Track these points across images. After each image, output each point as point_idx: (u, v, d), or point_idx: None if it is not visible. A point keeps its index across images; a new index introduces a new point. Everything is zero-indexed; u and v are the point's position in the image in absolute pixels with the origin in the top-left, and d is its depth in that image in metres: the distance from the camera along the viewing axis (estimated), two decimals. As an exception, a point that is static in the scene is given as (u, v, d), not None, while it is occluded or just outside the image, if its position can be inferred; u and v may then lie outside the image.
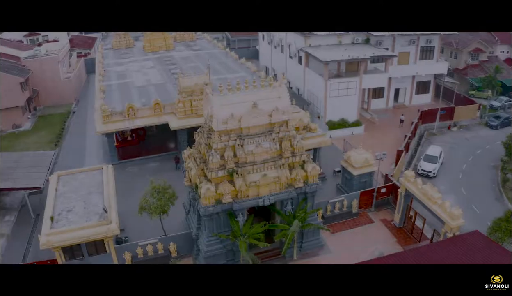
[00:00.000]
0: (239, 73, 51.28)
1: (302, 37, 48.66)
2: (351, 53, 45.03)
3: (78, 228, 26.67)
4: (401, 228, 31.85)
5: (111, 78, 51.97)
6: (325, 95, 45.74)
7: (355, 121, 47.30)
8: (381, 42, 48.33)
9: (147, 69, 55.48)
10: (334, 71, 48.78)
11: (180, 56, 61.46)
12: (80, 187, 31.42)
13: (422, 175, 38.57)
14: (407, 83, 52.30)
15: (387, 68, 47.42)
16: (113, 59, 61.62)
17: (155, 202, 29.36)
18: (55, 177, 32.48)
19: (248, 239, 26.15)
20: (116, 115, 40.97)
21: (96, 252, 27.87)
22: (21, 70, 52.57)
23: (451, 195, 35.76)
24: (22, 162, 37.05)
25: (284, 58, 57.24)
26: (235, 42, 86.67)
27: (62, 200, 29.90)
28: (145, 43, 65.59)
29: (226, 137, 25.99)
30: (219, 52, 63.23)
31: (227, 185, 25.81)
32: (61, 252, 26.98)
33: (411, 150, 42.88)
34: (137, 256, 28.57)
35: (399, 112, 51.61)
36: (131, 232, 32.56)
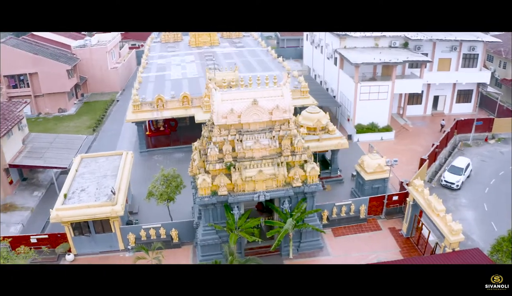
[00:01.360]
0: (273, 72, 51.55)
1: (337, 39, 48.06)
2: (386, 56, 43.86)
3: (85, 206, 28.52)
4: (408, 238, 30.79)
5: (151, 70, 54.31)
6: (355, 98, 44.92)
7: (386, 126, 46.00)
8: (420, 47, 46.58)
9: (187, 63, 57.31)
10: (370, 74, 47.76)
11: (221, 52, 62.80)
12: (98, 169, 33.41)
13: (445, 186, 36.91)
14: (447, 91, 49.94)
15: (422, 74, 45.58)
16: (158, 52, 64.24)
17: (162, 189, 30.64)
18: (78, 159, 34.78)
19: (240, 232, 26.60)
20: (146, 106, 42.87)
21: (103, 230, 29.65)
22: (69, 58, 56.40)
23: (471, 210, 34.03)
24: (56, 143, 39.89)
25: (322, 59, 56.79)
26: (284, 41, 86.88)
27: (79, 180, 32.02)
28: (191, 38, 67.64)
29: (225, 132, 26.58)
30: (260, 50, 63.85)
31: (224, 178, 26.39)
32: (70, 227, 29.01)
33: (440, 160, 41.07)
34: (140, 238, 29.95)
35: (437, 120, 49.47)
36: (144, 216, 34.18)
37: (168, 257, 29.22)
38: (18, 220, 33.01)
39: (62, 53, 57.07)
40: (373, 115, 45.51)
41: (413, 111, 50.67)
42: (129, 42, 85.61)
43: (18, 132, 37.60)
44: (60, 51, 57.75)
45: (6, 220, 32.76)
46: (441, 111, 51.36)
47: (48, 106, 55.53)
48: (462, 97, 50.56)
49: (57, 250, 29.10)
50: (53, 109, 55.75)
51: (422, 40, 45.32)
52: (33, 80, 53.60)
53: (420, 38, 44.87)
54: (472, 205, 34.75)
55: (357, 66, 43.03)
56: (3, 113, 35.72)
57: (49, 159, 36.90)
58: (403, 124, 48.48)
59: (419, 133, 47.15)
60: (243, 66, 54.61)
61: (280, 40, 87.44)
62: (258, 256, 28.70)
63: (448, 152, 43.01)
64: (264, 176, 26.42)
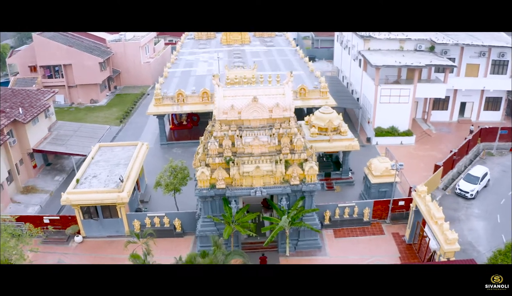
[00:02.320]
0: (297, 71, 51.73)
1: (362, 40, 47.58)
2: (408, 59, 43.03)
3: (93, 191, 30.04)
4: (410, 245, 30.26)
5: (178, 66, 55.82)
6: (375, 101, 44.35)
7: (406, 131, 45.11)
8: (446, 51, 45.28)
9: (214, 60, 58.38)
10: (394, 77, 46.98)
11: (250, 51, 63.50)
12: (113, 158, 34.96)
13: (459, 195, 35.86)
14: (475, 98, 48.22)
15: (446, 79, 44.25)
16: (190, 48, 65.80)
17: (169, 179, 31.75)
18: (96, 147, 36.52)
19: (235, 226, 27.17)
20: (167, 100, 44.25)
21: (110, 215, 31.10)
22: (102, 52, 58.92)
23: (482, 220, 32.93)
24: (80, 131, 42.01)
25: (349, 60, 56.31)
26: (318, 41, 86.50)
27: (93, 167, 33.66)
28: (222, 36, 68.80)
29: (226, 127, 27.26)
30: (289, 50, 64.01)
31: (222, 172, 27.06)
32: (80, 211, 30.63)
33: (459, 167, 39.88)
34: (145, 225, 31.12)
35: (463, 127, 47.92)
36: (154, 205, 35.48)
37: (170, 245, 30.31)
38: (37, 201, 35.12)
39: (96, 46, 59.73)
40: (394, 118, 44.74)
41: (439, 117, 49.30)
42: (167, 38, 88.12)
43: (44, 120, 39.86)
44: (95, 44, 60.46)
45: (26, 201, 34.95)
46: (468, 118, 49.65)
47: (80, 96, 58.30)
48: (490, 105, 48.67)
49: (67, 232, 30.85)
50: (85, 100, 58.46)
51: (448, 44, 44.03)
52: (67, 71, 56.48)
53: (446, 42, 43.64)
54: (485, 215, 33.60)
55: (378, 68, 42.46)
56: (30, 101, 38.02)
57: (71, 146, 38.93)
58: (425, 130, 47.32)
59: (442, 139, 45.88)
60: (268, 64, 55.11)
61: (315, 41, 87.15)
62: (254, 251, 29.32)
63: (469, 160, 41.63)
64: (261, 172, 26.85)
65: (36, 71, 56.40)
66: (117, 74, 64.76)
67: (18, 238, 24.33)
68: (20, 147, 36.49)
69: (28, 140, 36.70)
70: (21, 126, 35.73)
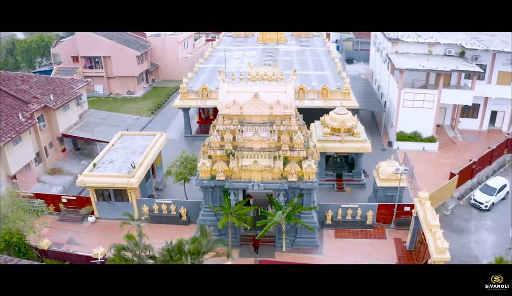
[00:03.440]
0: (324, 72, 51.86)
1: (390, 43, 46.94)
2: (433, 64, 42.04)
3: (106, 175, 32.06)
4: (410, 252, 29.90)
5: (210, 62, 57.42)
6: (398, 104, 43.70)
7: (430, 137, 44.09)
8: (477, 58, 43.72)
9: (246, 57, 59.48)
10: (421, 82, 45.95)
11: (284, 50, 64.02)
12: (131, 146, 36.94)
13: (474, 206, 34.80)
14: (507, 107, 46.13)
15: (473, 86, 42.71)
16: (226, 45, 67.30)
17: (179, 169, 33.23)
18: (118, 135, 38.68)
19: (231, 217, 28.11)
20: (192, 94, 45.90)
21: (122, 199, 32.98)
22: (140, 45, 61.67)
23: (493, 233, 31.84)
24: (108, 120, 44.52)
25: (380, 63, 55.59)
26: (358, 43, 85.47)
27: (111, 153, 35.77)
28: (259, 34, 69.78)
29: (228, 121, 28.25)
30: (322, 51, 63.87)
31: (222, 164, 28.09)
32: (94, 193, 32.76)
33: (480, 178, 38.57)
34: (153, 211, 32.77)
35: (493, 137, 46.03)
36: (168, 193, 37.17)
37: (174, 232, 31.64)
38: (61, 182, 37.79)
39: (135, 40, 62.63)
40: (417, 124, 43.84)
41: (468, 125, 47.67)
42: (209, 35, 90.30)
43: (76, 107, 42.65)
44: (134, 38, 63.38)
45: (51, 181, 37.70)
46: (499, 128, 47.64)
47: (118, 87, 61.43)
48: (525, 115, 46.48)
49: (82, 212, 33.08)
50: (122, 91, 61.54)
51: (478, 50, 42.52)
52: (107, 63, 59.71)
53: (476, 48, 42.18)
54: (497, 228, 32.41)
55: (401, 71, 41.83)
56: (63, 89, 40.87)
57: (97, 133, 41.44)
58: (451, 137, 45.96)
59: (467, 148, 44.37)
60: (297, 64, 55.49)
61: (355, 42, 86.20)
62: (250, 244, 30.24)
63: (492, 171, 40.06)
64: (259, 167, 27.60)
65: (78, 61, 60.09)
66: (155, 68, 67.48)
67: (29, 212, 26.61)
68: (50, 131, 39.38)
69: (58, 125, 39.50)
70: (51, 112, 38.55)
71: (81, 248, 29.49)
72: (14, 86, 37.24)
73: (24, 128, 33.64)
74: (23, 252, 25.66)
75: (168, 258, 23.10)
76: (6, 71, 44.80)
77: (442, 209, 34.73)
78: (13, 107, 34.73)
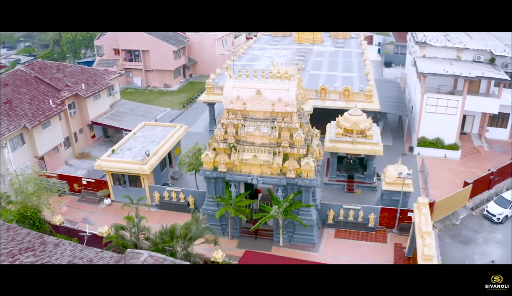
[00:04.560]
0: (351, 73, 51.77)
1: (418, 47, 46.18)
2: (458, 69, 41.01)
3: (121, 161, 34.22)
4: (408, 258, 29.71)
5: (242, 59, 58.80)
6: (420, 109, 42.99)
7: (452, 144, 43.02)
8: (507, 65, 42.09)
9: (279, 57, 60.30)
10: (448, 88, 44.89)
11: (317, 50, 64.23)
12: (151, 136, 38.99)
13: (486, 217, 33.85)
14: (540, 117, 44.19)
15: (500, 94, 41.15)
16: (262, 44, 68.44)
17: (191, 160, 34.85)
18: (141, 125, 40.91)
19: (230, 208, 29.28)
20: (217, 90, 47.46)
21: (135, 185, 35.04)
22: (178, 41, 64.10)
23: (501, 248, 30.84)
24: (137, 110, 47.04)
25: (410, 66, 54.58)
26: (399, 47, 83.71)
27: (131, 141, 38.00)
28: (296, 34, 70.35)
29: (232, 116, 29.41)
30: (356, 53, 63.48)
31: (224, 156, 29.31)
32: (110, 177, 35.05)
33: (498, 189, 37.35)
34: (164, 198, 34.60)
35: (522, 148, 44.25)
36: (183, 182, 38.90)
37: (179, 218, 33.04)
38: (86, 166, 40.57)
39: (173, 35, 65.19)
40: (440, 130, 42.91)
41: (496, 134, 45.95)
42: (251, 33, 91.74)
43: (107, 97, 45.45)
44: (173, 33, 65.91)
45: (77, 165, 40.57)
46: (530, 139, 45.61)
47: (156, 80, 64.29)
48: (557, 127, 44.19)
49: (99, 194, 35.49)
50: (159, 84, 64.34)
51: (507, 57, 40.99)
52: (145, 56, 62.68)
53: (505, 55, 40.70)
54: (506, 243, 31.34)
55: (424, 75, 41.16)
56: (95, 79, 43.71)
57: (124, 122, 43.98)
58: (476, 146, 44.53)
59: (492, 158, 42.81)
60: (327, 65, 55.73)
61: (395, 46, 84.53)
62: (252, 236, 31.25)
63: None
64: (259, 161, 28.56)
65: (119, 54, 63.48)
66: (193, 63, 69.84)
67: (46, 190, 29.15)
68: (81, 118, 42.32)
69: (88, 113, 42.36)
70: (82, 100, 41.42)
71: (92, 227, 31.76)
72: (49, 74, 40.45)
73: (53, 113, 36.54)
74: (37, 225, 28.13)
75: (160, 240, 24.65)
76: (43, 60, 48.34)
77: (452, 218, 34.08)
78: (45, 93, 37.79)
